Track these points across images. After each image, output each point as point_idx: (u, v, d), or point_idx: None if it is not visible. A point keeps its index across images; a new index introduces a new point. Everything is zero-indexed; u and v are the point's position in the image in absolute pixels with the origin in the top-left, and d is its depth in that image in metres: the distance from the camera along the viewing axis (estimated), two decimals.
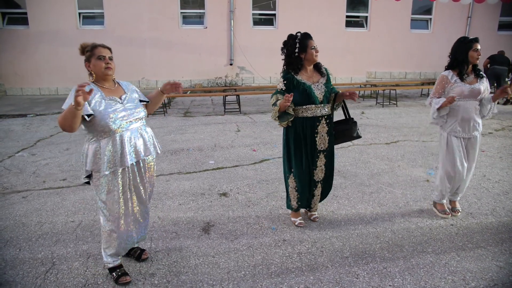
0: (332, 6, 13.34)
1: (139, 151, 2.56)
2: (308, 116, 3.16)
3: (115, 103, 2.50)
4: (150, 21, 12.46)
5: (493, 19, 14.40)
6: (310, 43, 3.13)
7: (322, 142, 3.24)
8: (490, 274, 2.72)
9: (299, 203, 3.40)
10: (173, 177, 4.69)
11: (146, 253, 2.93)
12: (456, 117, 3.42)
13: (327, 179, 3.44)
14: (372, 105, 10.05)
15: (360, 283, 2.61)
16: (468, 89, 3.35)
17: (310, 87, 3.11)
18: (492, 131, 7.08)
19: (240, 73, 13.45)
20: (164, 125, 7.77)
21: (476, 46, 3.34)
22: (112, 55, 2.57)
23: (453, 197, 3.71)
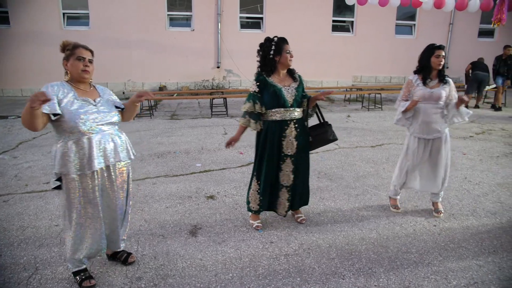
0: (318, 11, 13.47)
1: (108, 156, 2.49)
2: (277, 120, 3.17)
3: (88, 104, 2.46)
4: (136, 22, 12.38)
5: (473, 26, 14.78)
6: (285, 47, 3.17)
7: (289, 146, 3.23)
8: (470, 272, 2.80)
9: (260, 205, 3.38)
10: (160, 180, 4.67)
11: (132, 257, 2.90)
12: (417, 119, 3.60)
13: (296, 188, 3.40)
14: (357, 109, 10.18)
15: (346, 284, 2.65)
16: (428, 93, 3.50)
17: (280, 90, 3.14)
18: (472, 134, 7.25)
19: (227, 76, 13.47)
20: (151, 127, 7.73)
21: (439, 53, 3.48)
22: (92, 58, 2.53)
23: (433, 198, 3.82)
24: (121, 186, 2.68)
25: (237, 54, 12.95)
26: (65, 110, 2.34)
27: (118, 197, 2.67)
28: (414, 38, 14.52)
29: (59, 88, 2.40)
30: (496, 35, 15.10)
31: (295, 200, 3.46)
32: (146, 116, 8.96)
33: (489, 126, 8.07)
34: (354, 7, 13.57)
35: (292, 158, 3.27)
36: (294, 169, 3.31)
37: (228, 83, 13.47)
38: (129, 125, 7.82)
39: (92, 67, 2.51)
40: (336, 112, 9.70)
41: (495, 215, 3.77)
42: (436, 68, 3.52)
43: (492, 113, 9.66)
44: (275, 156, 3.25)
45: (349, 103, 11.30)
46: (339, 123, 8.15)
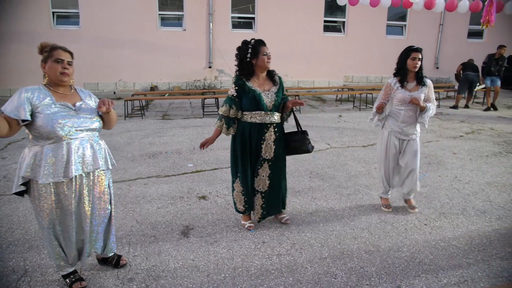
0: (310, 11, 13.52)
1: (87, 163, 2.40)
2: (257, 122, 3.15)
3: (67, 109, 2.36)
4: (127, 22, 12.29)
5: (463, 27, 14.96)
6: (262, 49, 3.12)
7: (268, 150, 3.21)
8: (460, 270, 2.83)
9: (246, 206, 3.35)
10: (151, 181, 4.64)
11: (124, 259, 2.86)
12: (397, 120, 3.66)
13: (273, 193, 3.36)
14: (349, 109, 10.23)
15: (338, 283, 2.66)
16: (408, 96, 3.56)
17: (259, 95, 3.11)
18: (462, 134, 7.33)
19: (219, 76, 13.44)
20: (142, 128, 7.68)
21: (415, 55, 3.53)
22: (72, 60, 2.42)
23: (406, 196, 3.91)
24: (99, 196, 2.55)
25: (229, 54, 12.85)
26: (41, 115, 2.25)
27: (95, 207, 2.54)
28: (405, 38, 14.64)
29: (34, 93, 2.30)
30: (485, 36, 15.30)
31: (270, 207, 3.41)
32: (137, 116, 8.91)
33: (478, 126, 8.16)
34: (345, 8, 13.63)
35: (270, 162, 3.25)
36: (271, 174, 3.29)
37: (220, 83, 13.45)
38: (120, 125, 7.76)
39: (71, 70, 2.41)
40: (327, 112, 9.73)
41: (485, 213, 3.81)
42: (412, 70, 3.58)
43: (481, 113, 9.77)
44: (253, 159, 3.24)
45: (341, 103, 11.35)
46: (330, 123, 8.18)
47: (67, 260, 2.56)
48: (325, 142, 6.50)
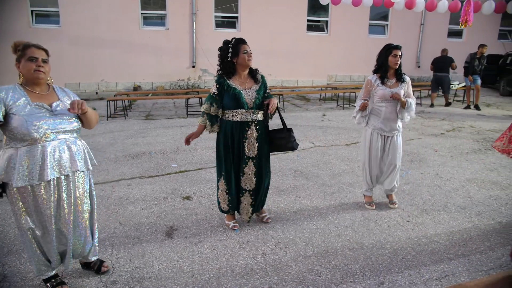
0: (293, 10, 13.57)
1: (64, 165, 2.32)
2: (238, 120, 3.15)
3: (43, 110, 2.28)
4: (109, 21, 12.12)
5: (443, 27, 15.25)
6: (242, 47, 3.13)
7: (251, 148, 3.21)
8: (442, 265, 2.88)
9: (230, 205, 3.35)
10: (135, 182, 4.59)
11: (106, 266, 2.79)
12: (379, 117, 3.72)
13: (259, 190, 3.37)
14: (333, 108, 10.31)
15: (322, 281, 2.68)
16: (388, 93, 3.63)
17: (240, 92, 3.12)
18: (443, 131, 7.47)
19: (203, 76, 13.38)
20: (125, 128, 7.58)
21: (396, 53, 3.60)
22: (47, 57, 2.35)
23: (387, 191, 3.98)
24: (80, 197, 2.49)
25: (212, 53, 12.78)
26: (16, 116, 2.17)
27: (76, 209, 2.48)
28: (387, 37, 14.83)
29: (8, 93, 2.22)
30: (464, 35, 15.62)
31: (257, 205, 3.43)
32: (120, 116, 8.79)
33: (459, 123, 8.33)
34: (328, 7, 13.73)
35: (254, 160, 3.25)
36: (256, 172, 3.30)
37: (204, 82, 13.39)
38: (103, 126, 7.65)
39: (47, 68, 2.33)
40: (311, 111, 9.79)
41: (465, 209, 3.89)
42: (393, 67, 3.64)
43: (461, 111, 9.97)
44: (237, 158, 3.23)
45: (325, 102, 11.43)
46: (314, 122, 8.23)
47: (48, 264, 2.50)
48: (309, 141, 6.53)
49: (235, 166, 3.26)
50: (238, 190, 3.33)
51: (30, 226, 2.36)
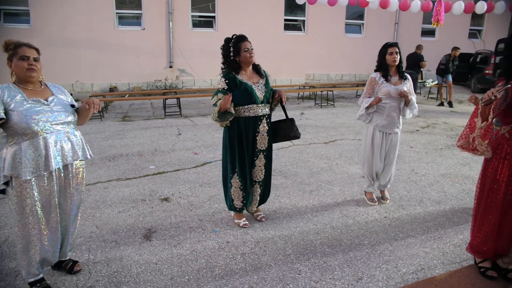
0: (270, 10, 13.60)
1: (66, 155, 2.45)
2: (250, 116, 3.20)
3: (40, 104, 2.38)
4: (82, 21, 11.83)
5: (417, 26, 15.60)
6: (243, 45, 3.16)
7: (263, 141, 3.30)
8: (418, 259, 2.95)
9: (244, 202, 3.40)
10: (112, 184, 4.50)
11: (79, 265, 2.78)
12: (382, 114, 3.76)
13: (266, 181, 3.49)
14: (311, 106, 10.40)
15: (302, 279, 2.69)
16: (394, 90, 3.67)
17: (251, 87, 3.17)
18: (419, 128, 7.65)
19: (181, 76, 13.25)
20: (101, 130, 7.43)
21: (391, 50, 3.68)
22: (38, 56, 2.43)
23: (381, 187, 4.04)
24: (76, 187, 2.61)
25: (190, 53, 12.78)
26: (15, 112, 2.26)
27: (73, 199, 2.60)
28: (363, 36, 15.07)
29: (4, 91, 2.31)
30: (437, 34, 16.03)
31: (263, 195, 3.55)
32: (96, 118, 8.61)
33: (433, 120, 8.54)
34: (305, 6, 13.83)
35: (264, 152, 3.34)
36: (266, 163, 3.39)
37: (182, 82, 13.27)
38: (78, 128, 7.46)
39: (39, 65, 2.42)
40: (290, 109, 9.83)
41: (439, 204, 3.99)
42: (392, 64, 3.70)
43: (435, 108, 10.23)
44: (250, 152, 3.29)
45: (303, 100, 11.52)
46: None
47: (38, 266, 2.50)
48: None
49: (248, 160, 3.30)
50: (251, 184, 3.40)
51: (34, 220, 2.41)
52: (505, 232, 2.60)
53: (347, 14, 14.65)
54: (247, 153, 3.28)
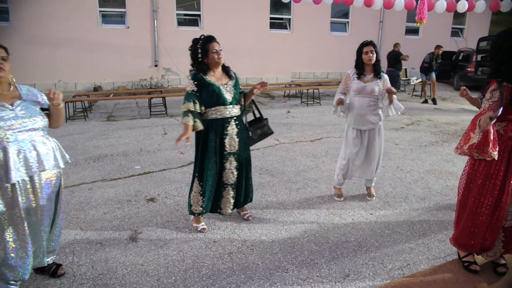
0: (256, 8, 13.58)
1: (31, 166, 2.26)
2: (218, 118, 3.14)
3: (3, 109, 2.23)
4: (65, 19, 11.61)
5: (401, 24, 15.79)
6: (211, 47, 3.10)
7: (232, 144, 3.21)
8: (404, 255, 2.98)
9: (203, 206, 3.29)
10: (96, 185, 4.44)
11: (63, 268, 2.70)
12: (353, 111, 3.81)
13: (241, 183, 3.38)
14: (297, 104, 10.42)
15: (289, 277, 2.70)
16: (361, 87, 3.72)
17: (219, 88, 3.12)
18: (403, 125, 7.74)
19: (166, 75, 13.14)
20: (85, 130, 7.32)
21: (367, 49, 3.70)
22: (7, 55, 2.29)
23: (367, 183, 4.08)
24: (50, 198, 2.44)
25: (175, 52, 12.65)
26: None
27: (43, 211, 2.42)
28: (348, 35, 15.17)
29: None
30: (421, 33, 16.25)
31: (239, 198, 3.44)
32: (80, 118, 8.48)
33: (417, 117, 8.66)
34: (290, 5, 13.85)
35: (235, 155, 3.26)
36: (238, 166, 3.31)
37: (167, 82, 13.16)
38: (62, 129, 7.33)
39: (7, 66, 2.28)
40: (276, 108, 9.85)
41: (424, 200, 4.05)
42: (367, 63, 3.71)
43: (420, 105, 10.36)
44: (218, 155, 3.21)
45: (289, 99, 11.54)
46: (279, 119, 8.29)
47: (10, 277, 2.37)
48: (274, 138, 6.56)
49: (216, 163, 3.22)
50: (219, 187, 3.31)
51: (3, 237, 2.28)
52: (495, 227, 2.64)
53: (332, 12, 14.72)
54: (214, 156, 3.19)
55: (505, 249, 2.71)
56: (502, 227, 2.65)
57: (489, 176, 2.60)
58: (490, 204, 2.60)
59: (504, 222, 2.64)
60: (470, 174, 2.72)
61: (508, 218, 2.62)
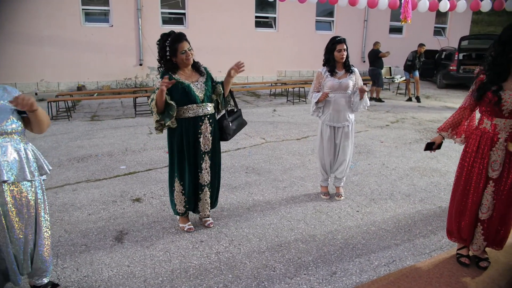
0: (241, 7, 13.55)
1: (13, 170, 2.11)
2: (190, 117, 3.06)
3: None
4: (47, 16, 11.37)
5: (385, 24, 15.98)
6: (180, 47, 2.98)
7: (206, 143, 3.15)
8: (389, 251, 3.01)
9: (187, 207, 3.27)
10: (81, 186, 4.37)
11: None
12: (328, 108, 3.81)
13: (213, 182, 3.33)
14: (283, 103, 10.45)
15: (277, 276, 2.70)
16: (336, 83, 3.73)
17: (189, 86, 3.03)
18: (388, 123, 7.83)
19: (151, 74, 13.01)
20: (69, 130, 7.20)
21: (340, 47, 3.69)
22: None
23: (336, 183, 4.07)
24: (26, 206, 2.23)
25: None
26: None
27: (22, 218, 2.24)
28: (333, 33, 15.24)
29: None
30: (404, 31, 16.47)
31: (213, 198, 3.39)
32: (63, 118, 8.33)
33: (402, 115, 8.77)
34: (275, 4, 13.86)
35: (209, 154, 3.21)
36: (211, 165, 3.25)
37: (152, 81, 13.03)
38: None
39: None
40: (262, 107, 9.85)
41: (409, 196, 4.10)
42: (339, 61, 3.74)
43: (404, 103, 10.50)
44: (193, 155, 3.14)
45: (275, 97, 11.55)
46: (265, 118, 8.29)
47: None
48: (260, 137, 6.57)
49: (192, 163, 3.16)
50: (196, 187, 3.24)
51: None
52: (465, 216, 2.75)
53: (317, 11, 14.79)
54: (189, 156, 3.13)
55: (487, 242, 2.79)
56: (480, 220, 2.72)
57: (462, 165, 2.74)
58: (459, 192, 2.75)
59: (481, 215, 2.71)
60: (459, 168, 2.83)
61: (484, 211, 2.69)
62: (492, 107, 2.53)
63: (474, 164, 2.66)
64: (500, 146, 2.58)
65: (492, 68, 2.53)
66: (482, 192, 2.66)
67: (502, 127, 2.56)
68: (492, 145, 2.60)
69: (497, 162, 2.60)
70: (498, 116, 2.55)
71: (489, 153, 2.60)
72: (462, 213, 2.77)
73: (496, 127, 2.58)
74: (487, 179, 2.64)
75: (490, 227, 2.73)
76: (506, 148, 2.58)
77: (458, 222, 2.81)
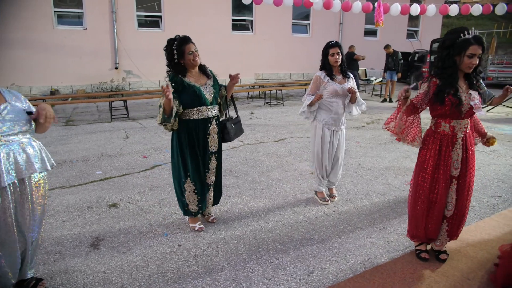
0: (218, 10, 13.55)
1: (21, 169, 2.24)
2: (200, 118, 3.16)
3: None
4: (16, 18, 11.04)
5: (359, 27, 16.32)
6: (187, 48, 3.07)
7: (214, 143, 3.28)
8: (365, 250, 3.08)
9: (200, 206, 3.33)
10: (55, 192, 4.27)
11: (43, 283, 2.58)
12: (330, 112, 3.82)
13: (218, 182, 3.47)
14: (260, 105, 10.50)
15: (255, 277, 2.71)
16: (340, 88, 3.75)
17: (199, 89, 3.12)
18: (364, 124, 7.98)
19: (127, 77, 12.83)
20: (42, 135, 6.98)
21: (332, 51, 3.73)
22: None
23: (329, 185, 4.12)
24: (38, 201, 2.41)
25: (136, 54, 12.39)
26: None
27: (34, 215, 2.40)
28: (309, 36, 15.46)
29: None
30: (379, 34, 16.84)
31: (215, 198, 3.52)
32: None
33: (377, 116, 8.95)
34: (252, 7, 13.93)
35: (216, 154, 3.32)
36: (217, 165, 3.38)
37: (129, 84, 12.86)
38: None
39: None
40: (240, 109, 9.85)
41: (384, 195, 4.19)
42: (334, 65, 3.77)
43: (379, 104, 10.73)
44: (202, 155, 3.24)
45: (252, 100, 11.60)
46: (243, 120, 8.24)
47: None
48: (238, 140, 6.57)
49: (201, 163, 3.24)
50: (204, 187, 3.33)
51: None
52: (433, 218, 2.81)
53: (293, 14, 14.96)
54: (200, 156, 3.23)
55: (450, 237, 2.90)
56: (445, 217, 2.82)
57: (423, 169, 2.81)
58: (425, 197, 2.80)
59: (446, 213, 2.81)
60: (415, 169, 2.92)
61: (449, 208, 2.79)
62: (454, 110, 2.62)
63: (439, 167, 2.74)
64: (459, 145, 2.71)
65: (443, 71, 2.63)
66: (448, 191, 2.77)
67: (459, 127, 2.69)
68: (453, 146, 2.72)
69: (458, 161, 2.73)
70: (456, 118, 2.66)
71: (451, 154, 2.71)
72: (430, 217, 2.82)
73: (454, 128, 2.70)
74: (450, 178, 2.75)
75: (454, 223, 2.84)
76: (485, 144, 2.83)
77: (425, 226, 2.86)
